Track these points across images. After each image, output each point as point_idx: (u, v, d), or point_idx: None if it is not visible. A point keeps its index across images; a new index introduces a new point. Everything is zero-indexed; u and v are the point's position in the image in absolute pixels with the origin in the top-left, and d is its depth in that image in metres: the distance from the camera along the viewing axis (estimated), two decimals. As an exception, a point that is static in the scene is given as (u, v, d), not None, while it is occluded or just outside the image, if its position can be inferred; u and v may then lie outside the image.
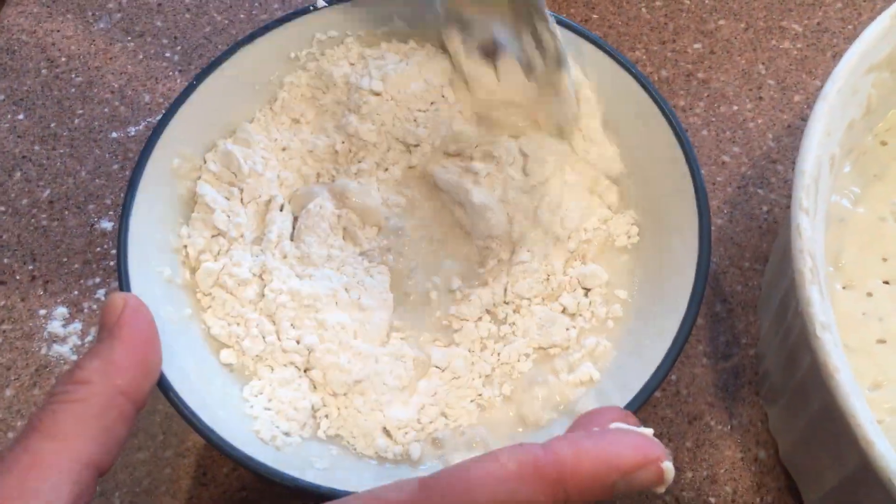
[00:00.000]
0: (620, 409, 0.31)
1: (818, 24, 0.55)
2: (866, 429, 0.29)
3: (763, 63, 0.54)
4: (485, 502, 0.25)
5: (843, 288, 0.38)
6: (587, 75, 0.42)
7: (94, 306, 0.47)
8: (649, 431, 0.28)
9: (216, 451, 0.39)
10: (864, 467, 0.30)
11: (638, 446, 0.26)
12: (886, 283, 0.38)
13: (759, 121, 0.52)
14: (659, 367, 0.35)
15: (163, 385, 0.34)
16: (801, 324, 0.32)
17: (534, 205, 0.42)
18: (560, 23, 0.41)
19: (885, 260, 0.39)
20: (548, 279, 0.41)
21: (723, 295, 0.46)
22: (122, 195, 0.50)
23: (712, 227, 0.48)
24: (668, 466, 0.26)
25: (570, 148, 0.43)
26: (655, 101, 0.40)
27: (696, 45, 0.54)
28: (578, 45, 0.42)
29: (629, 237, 0.42)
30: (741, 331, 0.45)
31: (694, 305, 0.35)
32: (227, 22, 0.56)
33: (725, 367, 0.44)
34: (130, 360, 0.32)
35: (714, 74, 0.53)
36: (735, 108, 0.52)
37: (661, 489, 0.26)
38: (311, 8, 0.44)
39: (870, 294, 0.38)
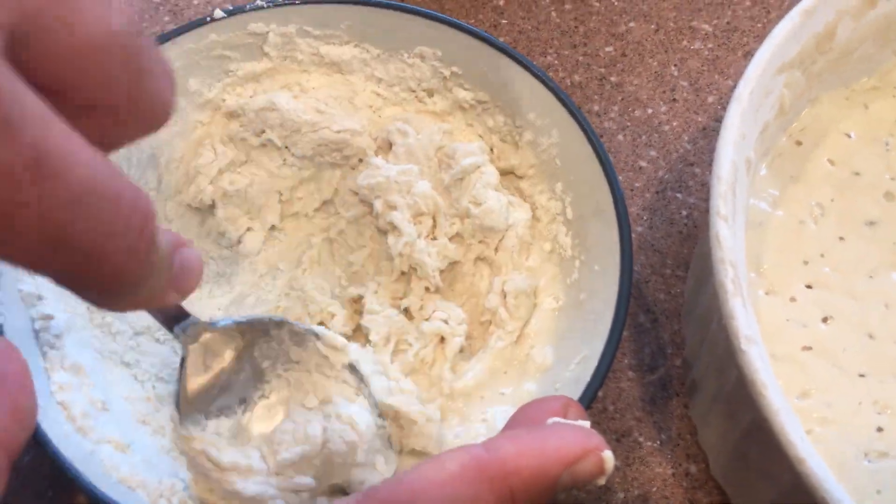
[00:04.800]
0: (562, 397, 0.30)
1: (728, 23, 0.54)
2: (797, 447, 0.28)
3: (675, 65, 0.53)
4: None
5: (766, 294, 0.37)
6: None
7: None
8: (586, 424, 0.28)
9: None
10: (797, 484, 0.29)
11: (577, 438, 0.26)
12: (809, 286, 0.37)
13: (675, 123, 0.51)
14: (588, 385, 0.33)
15: (39, 438, 0.31)
16: (726, 336, 0.31)
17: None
18: (466, 31, 0.39)
19: (806, 263, 0.38)
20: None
21: (646, 305, 0.45)
22: None
23: (632, 235, 0.47)
24: (608, 455, 0.26)
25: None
26: (567, 109, 0.38)
27: (607, 49, 0.53)
28: (496, 58, 0.40)
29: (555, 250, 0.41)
30: (666, 341, 0.44)
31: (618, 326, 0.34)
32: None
33: (652, 379, 0.43)
34: (1, 406, 0.29)
35: (627, 78, 0.52)
36: (650, 111, 0.51)
37: (602, 481, 0.26)
38: (208, 19, 0.41)
39: (793, 299, 0.37)
